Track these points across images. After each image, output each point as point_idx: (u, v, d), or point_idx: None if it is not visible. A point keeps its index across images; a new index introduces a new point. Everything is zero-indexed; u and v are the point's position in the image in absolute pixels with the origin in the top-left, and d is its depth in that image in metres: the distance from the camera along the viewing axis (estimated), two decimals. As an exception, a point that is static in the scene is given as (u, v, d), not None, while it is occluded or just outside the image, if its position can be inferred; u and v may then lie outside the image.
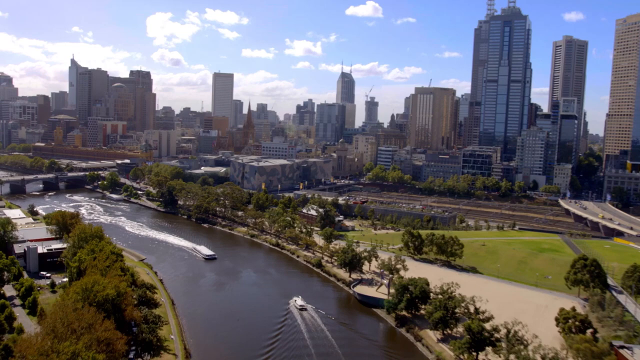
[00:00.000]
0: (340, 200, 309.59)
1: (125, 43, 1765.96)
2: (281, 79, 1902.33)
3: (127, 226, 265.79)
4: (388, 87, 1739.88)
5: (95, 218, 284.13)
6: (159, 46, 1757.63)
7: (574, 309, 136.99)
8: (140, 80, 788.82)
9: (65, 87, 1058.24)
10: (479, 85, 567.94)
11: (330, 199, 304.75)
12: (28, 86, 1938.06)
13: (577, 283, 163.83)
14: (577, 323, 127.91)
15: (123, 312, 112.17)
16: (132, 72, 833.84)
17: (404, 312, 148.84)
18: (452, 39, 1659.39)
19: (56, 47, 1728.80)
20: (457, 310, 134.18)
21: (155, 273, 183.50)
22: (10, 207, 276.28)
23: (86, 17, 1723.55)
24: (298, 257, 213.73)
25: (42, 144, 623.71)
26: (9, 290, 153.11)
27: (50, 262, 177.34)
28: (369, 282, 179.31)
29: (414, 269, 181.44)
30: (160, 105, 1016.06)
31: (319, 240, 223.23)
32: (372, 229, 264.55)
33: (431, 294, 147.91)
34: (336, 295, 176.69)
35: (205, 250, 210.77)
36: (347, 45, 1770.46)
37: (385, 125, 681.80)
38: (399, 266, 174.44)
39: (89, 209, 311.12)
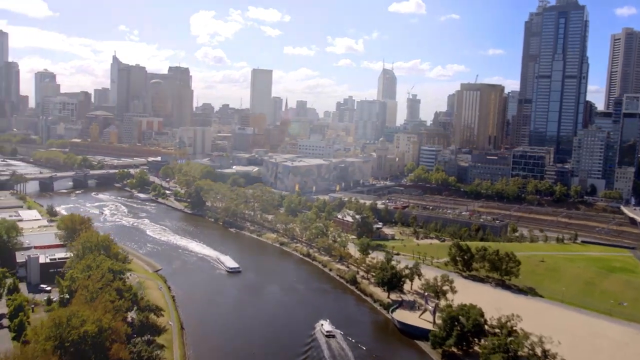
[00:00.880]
0: (379, 204, 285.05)
1: (169, 41, 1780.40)
2: (322, 77, 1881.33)
3: (149, 229, 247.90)
4: (430, 85, 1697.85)
5: (117, 220, 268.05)
6: (202, 44, 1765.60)
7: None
8: (178, 76, 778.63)
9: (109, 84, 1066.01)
10: (529, 82, 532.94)
11: (368, 203, 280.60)
12: (77, 84, 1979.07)
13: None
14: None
15: (107, 351, 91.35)
16: (170, 69, 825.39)
17: (453, 349, 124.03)
18: (497, 35, 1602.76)
19: (103, 46, 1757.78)
20: (520, 352, 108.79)
21: (169, 288, 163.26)
22: (30, 207, 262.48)
23: (132, 16, 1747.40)
24: (330, 270, 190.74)
25: (79, 140, 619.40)
26: (1, 306, 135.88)
27: (54, 272, 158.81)
28: (411, 306, 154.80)
29: (463, 290, 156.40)
30: (201, 102, 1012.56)
31: (354, 251, 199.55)
32: (414, 238, 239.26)
33: (486, 327, 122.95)
34: (371, 319, 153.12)
35: (229, 262, 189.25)
36: (389, 42, 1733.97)
37: (428, 124, 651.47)
38: (446, 287, 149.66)
39: (112, 209, 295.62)
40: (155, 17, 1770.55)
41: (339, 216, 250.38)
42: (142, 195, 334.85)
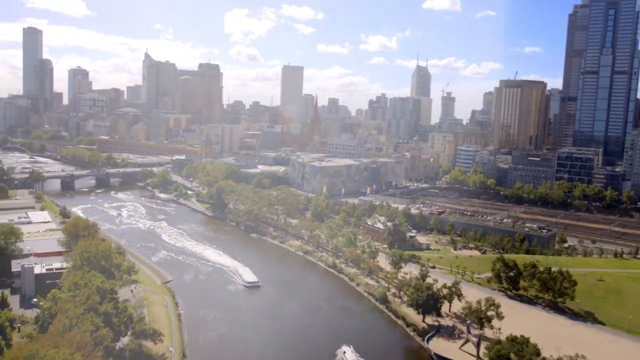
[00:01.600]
0: (413, 209, 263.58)
1: (203, 39, 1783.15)
2: (355, 75, 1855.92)
3: (165, 233, 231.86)
4: (464, 84, 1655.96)
5: (133, 222, 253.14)
6: (235, 42, 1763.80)
7: None
8: (208, 73, 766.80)
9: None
10: (573, 78, 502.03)
11: (401, 207, 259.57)
12: (114, 81, 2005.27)
13: None
14: None
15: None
16: (201, 65, 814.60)
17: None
18: (535, 32, 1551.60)
19: (139, 44, 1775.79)
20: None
21: (176, 304, 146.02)
22: (43, 208, 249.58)
23: (167, 15, 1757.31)
24: (358, 285, 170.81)
25: (106, 138, 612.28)
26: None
27: (51, 284, 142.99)
28: (450, 333, 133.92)
29: (510, 314, 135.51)
30: (233, 100, 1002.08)
31: (385, 263, 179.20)
32: (452, 247, 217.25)
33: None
34: (402, 346, 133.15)
35: (248, 275, 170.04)
36: (423, 40, 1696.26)
37: (464, 123, 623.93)
38: (491, 313, 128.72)
39: (130, 211, 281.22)
40: (189, 16, 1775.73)
41: (369, 222, 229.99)
42: (163, 196, 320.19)
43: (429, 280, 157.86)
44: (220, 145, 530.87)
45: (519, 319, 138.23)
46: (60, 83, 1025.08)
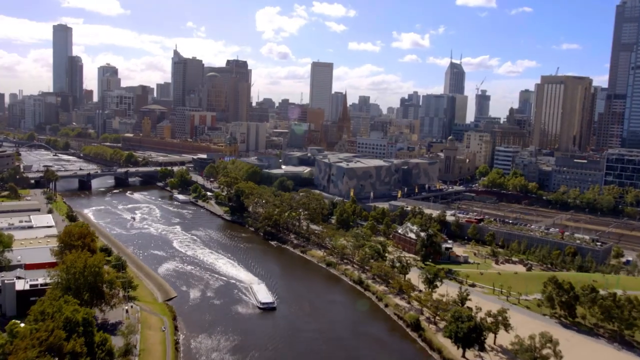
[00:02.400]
0: (449, 215, 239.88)
1: (235, 37, 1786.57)
2: (387, 73, 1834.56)
3: (177, 240, 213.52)
4: (498, 82, 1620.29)
5: (145, 227, 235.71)
6: (267, 40, 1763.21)
7: None
8: (235, 69, 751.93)
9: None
10: (621, 74, 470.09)
11: (435, 213, 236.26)
12: (148, 79, 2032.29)
13: None
14: None
15: None
16: (228, 62, 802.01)
17: None
18: (572, 29, 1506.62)
19: (172, 42, 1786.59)
20: None
21: (175, 329, 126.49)
22: (50, 211, 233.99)
23: (199, 13, 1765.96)
24: (387, 306, 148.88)
25: (131, 135, 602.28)
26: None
27: (35, 302, 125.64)
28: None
29: (568, 348, 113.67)
30: (263, 97, 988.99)
31: (417, 279, 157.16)
32: (493, 261, 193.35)
33: None
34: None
35: (263, 294, 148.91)
36: (456, 37, 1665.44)
37: (502, 121, 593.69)
38: (547, 351, 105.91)
39: (144, 213, 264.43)
40: (221, 14, 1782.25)
41: (400, 231, 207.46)
42: (180, 197, 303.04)
43: (469, 303, 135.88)
44: (246, 144, 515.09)
45: (578, 355, 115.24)
46: (94, 81, 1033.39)
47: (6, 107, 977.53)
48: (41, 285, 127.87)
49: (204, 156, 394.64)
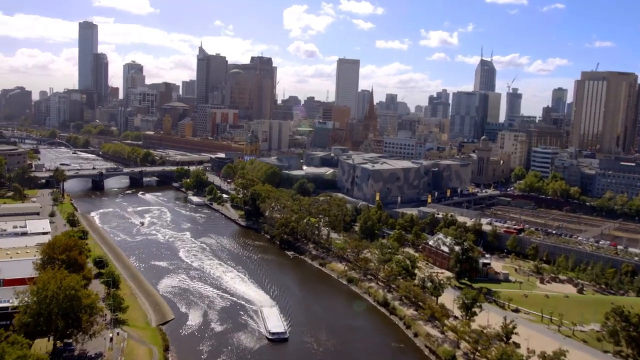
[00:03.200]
0: (485, 224, 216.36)
1: (263, 36, 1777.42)
2: (415, 71, 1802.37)
3: (184, 249, 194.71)
4: (528, 81, 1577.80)
5: (152, 232, 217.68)
6: (294, 38, 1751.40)
7: None
8: (259, 66, 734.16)
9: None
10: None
11: (469, 221, 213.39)
12: (177, 77, 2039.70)
13: None
14: None
15: None
16: (252, 59, 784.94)
17: None
18: (606, 26, 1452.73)
19: (201, 41, 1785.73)
20: None
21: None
22: (53, 214, 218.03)
23: (227, 11, 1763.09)
24: (416, 335, 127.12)
25: (152, 133, 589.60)
26: None
27: (4, 326, 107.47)
28: None
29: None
30: (289, 95, 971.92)
31: (451, 302, 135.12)
32: (537, 279, 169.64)
33: None
34: None
35: (274, 321, 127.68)
36: (485, 35, 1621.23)
37: (536, 120, 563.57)
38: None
39: (154, 217, 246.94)
40: (248, 12, 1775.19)
41: (431, 243, 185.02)
42: (195, 199, 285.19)
43: (515, 337, 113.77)
44: (268, 143, 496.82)
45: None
46: (122, 79, 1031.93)
47: (33, 105, 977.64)
48: (11, 309, 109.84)
49: (222, 155, 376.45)
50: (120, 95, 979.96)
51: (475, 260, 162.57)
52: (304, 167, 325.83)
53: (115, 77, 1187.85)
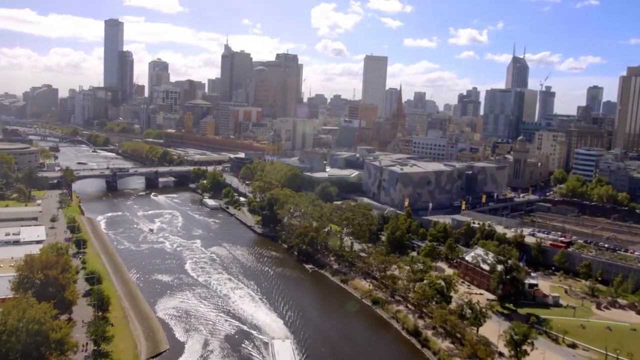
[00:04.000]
0: (527, 234, 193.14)
1: (291, 34, 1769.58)
2: (443, 70, 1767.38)
3: (191, 260, 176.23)
4: (560, 79, 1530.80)
5: (160, 240, 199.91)
6: (322, 36, 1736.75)
7: None
8: (284, 63, 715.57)
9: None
10: None
11: (510, 233, 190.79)
12: (205, 76, 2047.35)
13: None
14: None
15: None
16: (278, 56, 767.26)
17: None
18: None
19: (229, 40, 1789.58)
20: None
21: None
22: (55, 219, 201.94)
23: (255, 10, 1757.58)
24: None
25: (173, 131, 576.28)
26: None
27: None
28: None
29: None
30: (315, 93, 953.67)
31: (494, 333, 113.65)
32: (593, 303, 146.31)
33: None
34: None
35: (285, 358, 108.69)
36: (516, 33, 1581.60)
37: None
38: None
39: (165, 221, 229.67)
40: (276, 10, 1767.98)
41: (468, 258, 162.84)
42: (210, 202, 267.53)
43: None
44: (292, 142, 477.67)
45: None
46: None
47: (59, 103, 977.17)
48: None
49: (242, 155, 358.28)
50: (146, 93, 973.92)
51: (521, 282, 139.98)
52: (328, 169, 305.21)
53: (143, 75, 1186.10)
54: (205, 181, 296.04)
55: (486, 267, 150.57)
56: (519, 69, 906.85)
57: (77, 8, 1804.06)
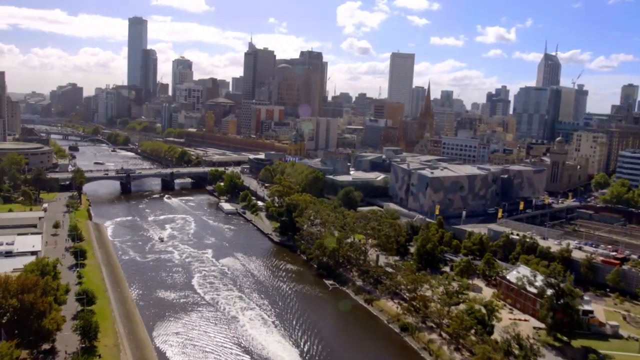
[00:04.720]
0: (573, 247, 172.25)
1: (317, 33, 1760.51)
2: (470, 68, 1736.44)
3: (200, 274, 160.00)
4: (591, 77, 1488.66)
5: (168, 249, 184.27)
6: (348, 35, 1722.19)
7: None
8: (308, 61, 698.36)
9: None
10: None
11: (556, 246, 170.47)
12: (231, 74, 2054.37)
13: None
14: None
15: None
16: (302, 53, 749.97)
17: None
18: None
19: (255, 39, 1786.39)
20: None
21: None
22: (58, 225, 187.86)
23: (281, 8, 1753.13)
24: None
25: (194, 130, 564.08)
26: None
27: None
28: None
29: None
30: (340, 92, 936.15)
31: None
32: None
33: None
34: None
35: None
36: (544, 30, 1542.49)
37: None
38: None
39: (177, 228, 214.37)
40: (302, 9, 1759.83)
41: (512, 278, 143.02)
42: (226, 207, 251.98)
43: None
44: (315, 142, 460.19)
45: None
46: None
47: (83, 101, 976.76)
48: None
49: (261, 156, 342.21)
50: (170, 92, 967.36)
51: (576, 311, 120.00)
52: (352, 171, 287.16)
53: (168, 74, 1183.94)
54: (222, 183, 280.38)
55: (534, 291, 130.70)
56: (551, 67, 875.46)
57: (105, 8, 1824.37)
